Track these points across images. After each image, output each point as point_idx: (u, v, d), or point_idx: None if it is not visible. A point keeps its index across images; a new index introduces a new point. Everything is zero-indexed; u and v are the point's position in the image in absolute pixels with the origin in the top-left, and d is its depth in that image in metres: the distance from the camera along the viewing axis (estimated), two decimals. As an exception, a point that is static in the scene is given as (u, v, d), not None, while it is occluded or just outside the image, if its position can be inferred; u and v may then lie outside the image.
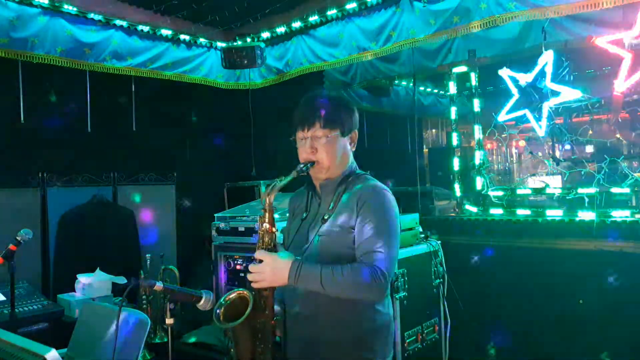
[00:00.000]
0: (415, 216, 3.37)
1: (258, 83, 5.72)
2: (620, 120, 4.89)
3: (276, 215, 1.85)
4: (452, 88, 5.61)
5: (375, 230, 1.73)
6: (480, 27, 4.00)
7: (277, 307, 1.86)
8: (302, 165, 1.81)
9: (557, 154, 5.40)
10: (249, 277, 1.72)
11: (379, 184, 1.87)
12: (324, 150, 1.81)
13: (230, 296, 1.77)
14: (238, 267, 3.55)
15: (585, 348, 3.68)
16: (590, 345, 3.66)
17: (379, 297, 1.77)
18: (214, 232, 3.79)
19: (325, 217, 1.83)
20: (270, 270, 1.68)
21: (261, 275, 1.69)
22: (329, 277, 1.65)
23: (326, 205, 1.87)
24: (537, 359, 3.95)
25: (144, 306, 3.16)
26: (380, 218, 1.76)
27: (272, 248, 1.73)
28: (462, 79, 5.56)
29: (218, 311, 1.73)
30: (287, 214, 2.12)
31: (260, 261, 1.70)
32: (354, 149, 1.94)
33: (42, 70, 4.42)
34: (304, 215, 1.94)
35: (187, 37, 5.22)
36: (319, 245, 1.81)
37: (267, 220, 1.74)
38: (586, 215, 4.16)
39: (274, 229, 1.74)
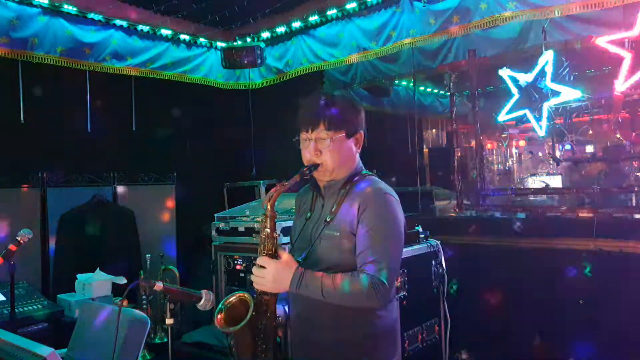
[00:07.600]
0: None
1: (258, 83, 5.72)
2: (620, 120, 4.89)
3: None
4: (452, 88, 5.61)
5: (376, 239, 1.69)
6: (480, 27, 4.01)
7: (280, 308, 1.84)
8: (305, 169, 1.77)
9: (557, 154, 5.41)
10: (252, 279, 1.72)
11: (383, 186, 1.81)
12: (329, 152, 1.76)
13: (230, 299, 1.77)
14: (238, 267, 3.55)
15: (584, 347, 3.68)
16: (589, 344, 3.66)
17: (379, 305, 1.72)
18: (214, 232, 3.79)
19: (328, 220, 1.79)
20: (272, 277, 1.68)
21: (263, 281, 1.69)
22: (330, 287, 1.64)
23: (329, 207, 1.83)
24: (537, 359, 3.96)
25: (144, 306, 3.16)
26: (382, 225, 1.72)
27: (274, 253, 1.72)
28: (462, 79, 5.56)
29: (219, 316, 1.72)
30: (293, 212, 2.11)
31: (262, 267, 1.70)
32: (359, 150, 1.88)
33: (42, 70, 4.42)
34: (308, 214, 1.92)
35: (187, 37, 5.22)
36: (319, 249, 1.79)
37: (268, 225, 1.72)
38: (586, 215, 4.16)
39: (275, 234, 1.73)
